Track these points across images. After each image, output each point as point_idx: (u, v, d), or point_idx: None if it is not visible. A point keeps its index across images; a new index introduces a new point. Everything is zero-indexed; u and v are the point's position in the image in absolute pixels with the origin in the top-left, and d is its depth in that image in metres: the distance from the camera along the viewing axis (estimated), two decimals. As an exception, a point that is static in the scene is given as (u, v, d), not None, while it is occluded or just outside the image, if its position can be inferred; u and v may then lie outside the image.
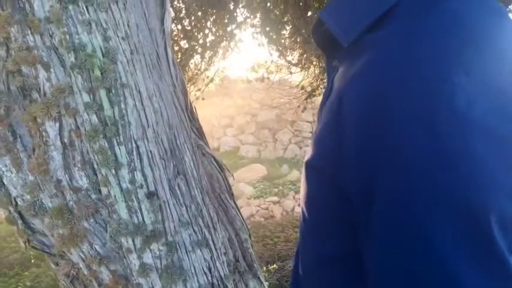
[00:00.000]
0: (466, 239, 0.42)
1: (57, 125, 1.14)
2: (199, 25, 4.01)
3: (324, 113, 0.60)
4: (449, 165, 0.42)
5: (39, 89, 1.11)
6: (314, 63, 5.20)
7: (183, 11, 3.85)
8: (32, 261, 4.65)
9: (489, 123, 0.42)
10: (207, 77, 5.14)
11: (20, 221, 1.23)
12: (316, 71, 5.30)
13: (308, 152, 0.63)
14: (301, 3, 4.12)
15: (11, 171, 1.17)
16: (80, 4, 1.09)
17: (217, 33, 4.35)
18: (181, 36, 4.08)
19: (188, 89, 4.75)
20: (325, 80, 5.25)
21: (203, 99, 5.21)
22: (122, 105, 1.15)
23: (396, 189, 0.45)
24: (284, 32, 4.76)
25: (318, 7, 4.09)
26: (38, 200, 1.17)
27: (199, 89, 5.13)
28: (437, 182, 0.42)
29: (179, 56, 4.17)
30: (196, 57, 4.53)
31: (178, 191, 1.28)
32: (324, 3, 4.05)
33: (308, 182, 0.64)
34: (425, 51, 0.47)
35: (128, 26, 1.19)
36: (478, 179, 0.41)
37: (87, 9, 1.10)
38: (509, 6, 3.72)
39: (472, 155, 0.42)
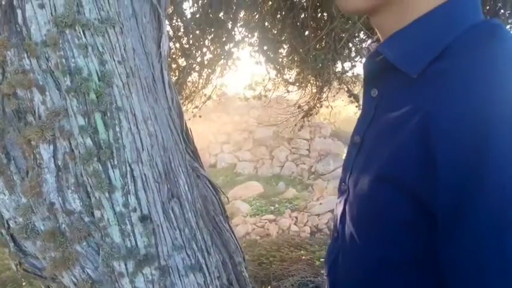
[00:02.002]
0: None
1: (51, 147, 1.13)
2: (197, 43, 4.03)
3: (379, 134, 0.72)
4: None
5: (34, 112, 1.11)
6: (311, 82, 5.22)
7: (181, 30, 3.87)
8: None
9: None
10: (205, 94, 5.16)
11: (12, 244, 1.22)
12: (313, 90, 5.32)
13: (366, 164, 0.74)
14: (298, 23, 4.16)
15: (4, 194, 1.16)
16: (77, 28, 1.10)
17: (215, 52, 4.37)
18: (179, 54, 4.10)
19: (185, 106, 4.78)
20: (322, 99, 5.27)
21: (200, 116, 5.22)
22: (117, 129, 1.15)
23: (489, 208, 0.54)
24: (281, 50, 4.80)
25: (315, 27, 4.13)
26: (30, 222, 1.17)
27: (196, 106, 5.15)
28: None
29: (177, 74, 4.19)
30: (194, 75, 4.54)
31: (172, 214, 1.27)
32: (320, 23, 4.09)
33: (371, 191, 0.73)
34: (504, 78, 0.57)
35: (125, 49, 1.19)
36: None
37: (84, 34, 1.11)
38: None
39: None
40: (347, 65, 4.71)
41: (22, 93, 1.10)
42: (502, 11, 3.65)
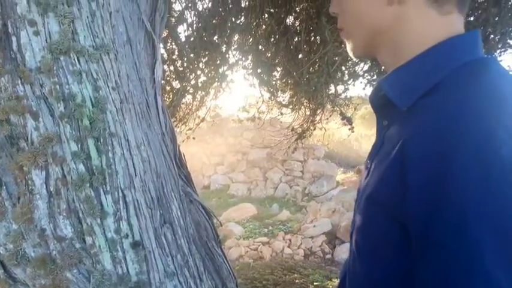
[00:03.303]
0: (507, 260, 0.55)
1: (44, 173, 1.13)
2: (191, 66, 4.05)
3: (380, 160, 0.77)
4: (499, 205, 0.55)
5: (27, 137, 1.11)
6: (305, 104, 5.25)
7: (176, 53, 3.90)
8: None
9: None
10: (198, 116, 5.17)
11: (1, 271, 1.20)
12: (306, 112, 5.35)
13: (366, 188, 0.79)
14: (291, 47, 4.20)
15: (-5, 220, 1.15)
16: (72, 55, 1.11)
17: (209, 74, 4.40)
18: (174, 77, 4.12)
19: (179, 128, 4.78)
20: (315, 122, 5.30)
21: (194, 138, 5.22)
22: (110, 155, 1.15)
23: (453, 221, 0.57)
24: (275, 73, 4.83)
25: (308, 51, 4.17)
26: (20, 249, 1.15)
27: (190, 128, 5.15)
28: (487, 218, 0.55)
29: (171, 96, 4.20)
30: (188, 97, 4.56)
31: (164, 241, 1.26)
32: (314, 47, 4.14)
33: (366, 213, 0.79)
34: (474, 113, 0.61)
35: (119, 76, 1.20)
36: None
37: (78, 60, 1.12)
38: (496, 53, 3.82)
39: None
40: (340, 88, 4.75)
41: (15, 119, 1.10)
42: (491, 36, 3.71)
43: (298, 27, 4.01)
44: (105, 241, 1.15)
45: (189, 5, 3.65)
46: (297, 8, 3.89)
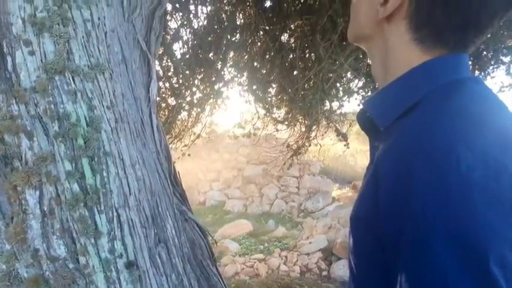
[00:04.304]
0: (471, 273, 0.54)
1: (37, 193, 1.12)
2: (187, 83, 4.07)
3: (365, 178, 0.77)
4: (456, 219, 0.54)
5: (21, 157, 1.10)
6: (300, 120, 5.27)
7: (171, 70, 3.91)
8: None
9: (488, 185, 0.55)
10: (194, 133, 5.17)
11: (-7, 292, 1.19)
12: (302, 129, 5.36)
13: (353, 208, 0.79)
14: (286, 64, 4.23)
15: (-13, 240, 1.14)
16: (67, 74, 1.11)
17: (205, 91, 4.41)
18: (169, 93, 4.13)
19: (175, 145, 4.78)
20: (311, 138, 5.31)
21: (189, 155, 5.21)
22: (104, 174, 1.15)
23: (416, 238, 0.58)
24: (270, 90, 4.86)
25: (303, 68, 4.20)
26: (13, 269, 1.14)
27: (185, 145, 5.15)
28: (447, 233, 0.55)
29: (166, 113, 4.21)
30: (184, 114, 4.57)
31: (158, 260, 1.25)
32: (309, 64, 4.17)
33: (353, 232, 0.80)
34: (436, 131, 0.61)
35: (114, 95, 1.20)
36: (480, 230, 0.54)
37: (73, 80, 1.12)
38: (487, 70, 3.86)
39: (474, 212, 0.54)
40: (335, 104, 4.78)
41: (9, 138, 1.10)
42: (484, 52, 3.75)
43: (293, 45, 4.05)
44: (99, 261, 1.14)
45: (185, 22, 3.68)
46: (292, 26, 3.92)
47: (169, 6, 3.36)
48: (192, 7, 3.61)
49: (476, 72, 3.87)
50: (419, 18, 0.72)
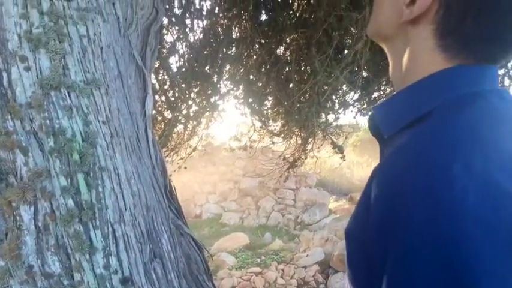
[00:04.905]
0: None
1: (32, 208, 1.12)
2: (183, 96, 4.07)
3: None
4: (444, 243, 0.50)
5: (16, 173, 1.10)
6: (296, 133, 5.28)
7: (168, 83, 3.92)
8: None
9: (484, 213, 0.49)
10: (190, 146, 5.17)
11: (-13, 309, 1.18)
12: (298, 141, 5.37)
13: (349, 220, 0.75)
14: (282, 77, 4.24)
15: (-19, 257, 1.13)
16: (62, 90, 1.11)
17: (201, 104, 4.42)
18: (165, 107, 4.13)
19: (171, 158, 4.77)
20: (307, 151, 5.32)
21: (185, 168, 5.21)
22: (100, 189, 1.15)
23: (399, 256, 0.54)
24: (266, 103, 4.87)
25: (299, 80, 4.22)
26: (7, 286, 1.13)
27: (182, 158, 5.14)
28: (432, 256, 0.50)
29: (163, 126, 4.21)
30: (180, 127, 4.57)
31: (154, 276, 1.25)
32: (304, 77, 4.19)
33: (348, 247, 0.75)
34: (435, 147, 0.57)
35: (109, 110, 1.20)
36: (469, 262, 0.48)
37: (69, 95, 1.12)
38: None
39: (465, 239, 0.49)
40: (331, 116, 4.80)
41: (4, 154, 1.10)
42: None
43: (288, 58, 4.07)
44: (93, 277, 1.13)
45: (181, 36, 3.69)
46: (287, 39, 3.95)
47: (165, 20, 3.38)
48: (188, 21, 3.63)
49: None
50: (447, 25, 0.67)
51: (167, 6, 2.91)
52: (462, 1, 0.64)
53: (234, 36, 3.96)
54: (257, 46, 4.05)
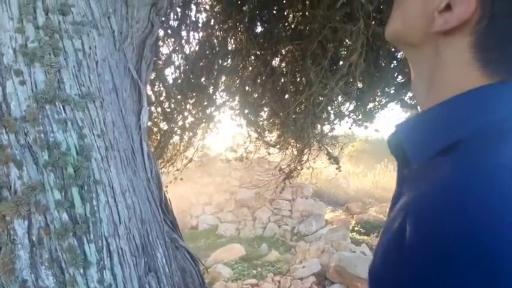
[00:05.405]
0: None
1: (26, 222, 1.11)
2: (178, 108, 4.08)
3: (388, 224, 0.60)
4: None
5: (10, 187, 1.10)
6: (292, 144, 5.29)
7: (163, 94, 3.93)
8: None
9: None
10: (186, 157, 5.17)
11: (-21, 324, 1.17)
12: (294, 152, 5.38)
13: (372, 260, 0.63)
14: (278, 88, 4.26)
15: (-26, 271, 1.12)
16: (57, 104, 1.12)
17: (197, 115, 4.43)
18: (161, 118, 4.14)
19: (167, 169, 4.77)
20: (303, 161, 5.32)
21: (181, 179, 5.20)
22: (94, 202, 1.14)
23: None
24: (262, 114, 4.88)
25: (294, 91, 4.24)
26: (0, 301, 1.12)
27: (178, 169, 5.14)
28: None
29: (158, 138, 4.21)
30: (176, 138, 4.57)
31: (148, 290, 1.24)
32: (300, 88, 4.20)
33: (371, 278, 0.64)
34: (482, 187, 0.48)
35: (104, 123, 1.21)
36: None
37: (64, 109, 1.13)
38: None
39: None
40: (326, 127, 4.81)
41: (-2, 168, 1.10)
42: None
43: (284, 69, 4.09)
44: (87, 292, 1.13)
45: (177, 48, 3.71)
46: (283, 51, 3.97)
47: (161, 32, 3.40)
48: (184, 33, 3.65)
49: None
50: (491, 37, 0.58)
51: (163, 19, 2.93)
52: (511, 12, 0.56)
53: (229, 48, 3.98)
54: (253, 58, 4.08)
